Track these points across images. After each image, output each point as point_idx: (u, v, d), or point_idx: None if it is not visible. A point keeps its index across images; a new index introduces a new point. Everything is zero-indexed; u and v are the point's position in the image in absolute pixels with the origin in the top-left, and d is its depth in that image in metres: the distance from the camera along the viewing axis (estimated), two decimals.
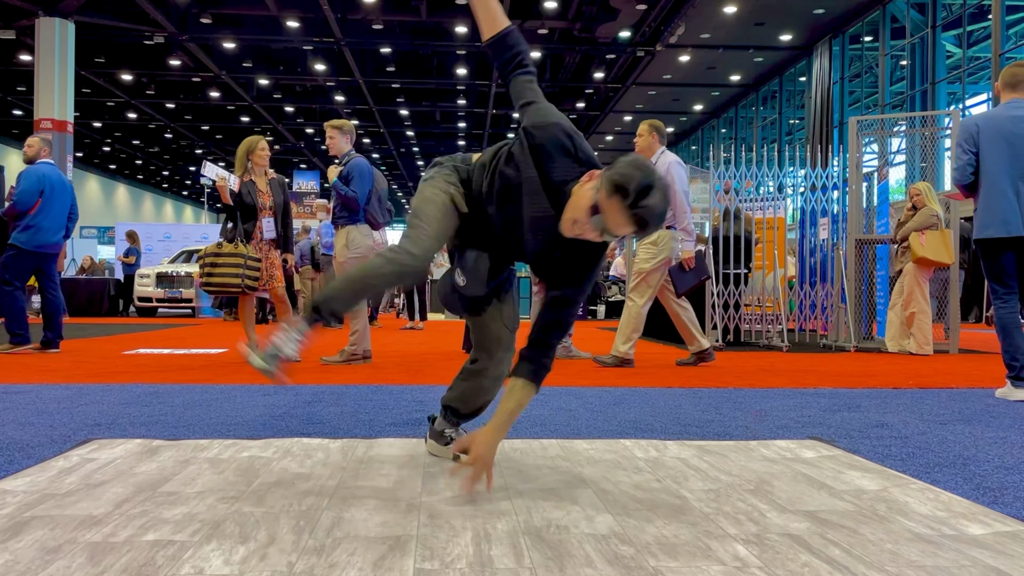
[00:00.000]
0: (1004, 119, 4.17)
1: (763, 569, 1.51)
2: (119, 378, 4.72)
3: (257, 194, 5.75)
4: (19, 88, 27.09)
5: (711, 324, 8.10)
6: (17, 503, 1.93)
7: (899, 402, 3.95)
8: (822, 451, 2.66)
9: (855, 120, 8.14)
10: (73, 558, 1.54)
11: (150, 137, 35.22)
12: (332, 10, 20.05)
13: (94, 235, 30.41)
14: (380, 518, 1.83)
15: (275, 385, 4.42)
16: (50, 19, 19.50)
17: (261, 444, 2.69)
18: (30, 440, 2.75)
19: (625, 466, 2.40)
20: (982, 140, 4.20)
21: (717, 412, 3.56)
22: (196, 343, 7.86)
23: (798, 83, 25.12)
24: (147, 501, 1.95)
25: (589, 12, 20.99)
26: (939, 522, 1.83)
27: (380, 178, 5.98)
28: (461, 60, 24.72)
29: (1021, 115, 4.16)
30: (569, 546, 1.64)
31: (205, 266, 5.57)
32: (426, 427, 3.08)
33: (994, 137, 4.16)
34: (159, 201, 50.85)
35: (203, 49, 23.26)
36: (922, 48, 19.44)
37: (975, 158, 4.21)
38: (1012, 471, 2.39)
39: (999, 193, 4.14)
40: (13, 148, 33.92)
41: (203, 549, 1.60)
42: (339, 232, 5.76)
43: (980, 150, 4.21)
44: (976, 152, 4.21)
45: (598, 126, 32.37)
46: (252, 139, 5.89)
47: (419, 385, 4.47)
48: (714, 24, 20.87)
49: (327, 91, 27.96)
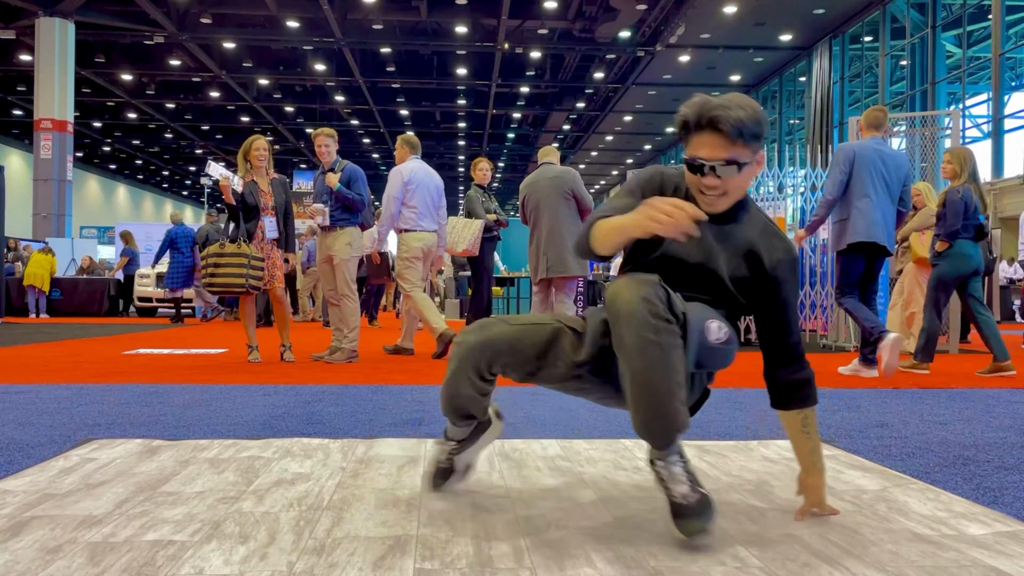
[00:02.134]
0: (871, 150, 5.12)
1: (763, 569, 1.51)
2: (119, 378, 4.72)
3: (259, 194, 5.76)
4: (19, 88, 27.09)
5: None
6: (17, 503, 1.93)
7: (899, 402, 3.95)
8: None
9: (855, 120, 8.14)
10: (73, 558, 1.54)
11: (150, 137, 35.23)
12: (332, 10, 20.05)
13: (94, 235, 30.41)
14: (380, 518, 1.83)
15: (275, 385, 4.42)
16: (50, 19, 19.51)
17: (261, 444, 2.69)
18: (30, 440, 2.75)
19: (625, 466, 2.40)
20: (856, 164, 5.09)
21: (717, 412, 3.56)
22: (196, 343, 7.85)
23: (798, 83, 25.12)
24: (147, 501, 1.95)
25: (589, 12, 20.99)
26: (939, 522, 1.83)
27: None
28: (461, 60, 24.72)
29: (884, 149, 5.19)
30: (569, 546, 1.64)
31: (208, 266, 5.59)
32: (428, 428, 3.08)
33: (865, 163, 5.09)
34: (159, 201, 50.86)
35: (203, 49, 23.26)
36: (922, 48, 19.44)
37: (848, 178, 5.13)
38: (1012, 471, 2.39)
39: (865, 208, 5.05)
40: (13, 148, 33.93)
41: (203, 549, 1.60)
42: (339, 233, 5.83)
43: (853, 172, 5.11)
44: (850, 172, 5.12)
45: (598, 126, 32.37)
46: (249, 139, 5.94)
47: (419, 385, 4.47)
48: (714, 24, 20.87)
49: (327, 91, 27.97)
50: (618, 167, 40.91)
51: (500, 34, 21.66)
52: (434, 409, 3.57)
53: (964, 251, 5.34)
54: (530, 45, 22.79)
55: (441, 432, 2.58)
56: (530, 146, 36.42)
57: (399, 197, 6.08)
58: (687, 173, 1.80)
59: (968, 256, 5.35)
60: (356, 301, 5.93)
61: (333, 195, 5.79)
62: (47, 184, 19.59)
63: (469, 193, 7.10)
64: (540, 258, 6.02)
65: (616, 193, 1.94)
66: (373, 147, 37.36)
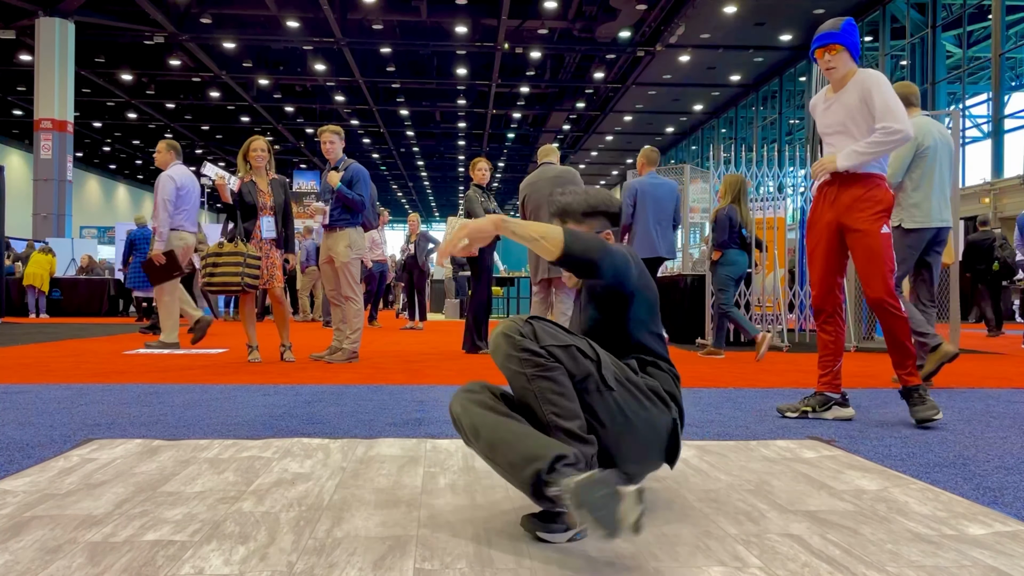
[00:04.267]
0: (648, 185, 6.71)
1: (763, 569, 1.51)
2: (119, 378, 4.72)
3: (258, 194, 5.76)
4: (19, 88, 27.09)
5: (711, 324, 8.10)
6: (17, 503, 1.93)
7: (899, 402, 3.95)
8: (822, 451, 2.66)
9: None
10: (73, 558, 1.54)
11: (150, 137, 35.22)
12: (332, 10, 20.05)
13: (94, 235, 30.41)
14: (380, 518, 1.83)
15: (275, 385, 4.42)
16: (50, 19, 19.51)
17: (261, 444, 2.69)
18: (30, 440, 2.75)
19: None
20: (639, 197, 6.66)
21: (717, 412, 3.56)
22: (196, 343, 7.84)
23: (798, 83, 25.12)
24: (147, 501, 1.95)
25: (589, 12, 21.00)
26: (939, 522, 1.83)
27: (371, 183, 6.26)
28: (461, 60, 24.72)
29: (658, 182, 6.75)
30: (569, 546, 1.64)
31: (207, 267, 5.59)
32: (428, 428, 3.08)
33: (645, 195, 6.67)
34: None
35: (203, 49, 23.26)
36: (922, 48, 19.44)
37: (633, 209, 6.68)
38: (1012, 471, 2.39)
39: (647, 231, 6.65)
40: (13, 148, 33.93)
41: (203, 549, 1.60)
42: (339, 234, 5.82)
43: (637, 203, 6.66)
44: (635, 204, 6.67)
45: (598, 126, 32.37)
46: (248, 140, 5.95)
47: (419, 385, 4.47)
48: (714, 24, 20.88)
49: (327, 91, 27.97)
50: (618, 167, 40.91)
51: (500, 34, 21.67)
52: (434, 409, 3.57)
53: (732, 259, 6.62)
54: (530, 45, 22.80)
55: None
56: (530, 146, 36.43)
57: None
58: None
59: (735, 263, 6.61)
60: (360, 303, 5.93)
61: (334, 194, 5.79)
62: (47, 184, 19.60)
63: (468, 193, 7.10)
64: (540, 258, 6.02)
65: None
66: (373, 147, 37.37)
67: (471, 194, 7.07)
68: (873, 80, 3.26)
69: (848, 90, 3.33)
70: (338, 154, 5.93)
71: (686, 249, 9.39)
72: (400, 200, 55.07)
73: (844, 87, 3.36)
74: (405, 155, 39.35)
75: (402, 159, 40.16)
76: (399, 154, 38.83)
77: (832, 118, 3.41)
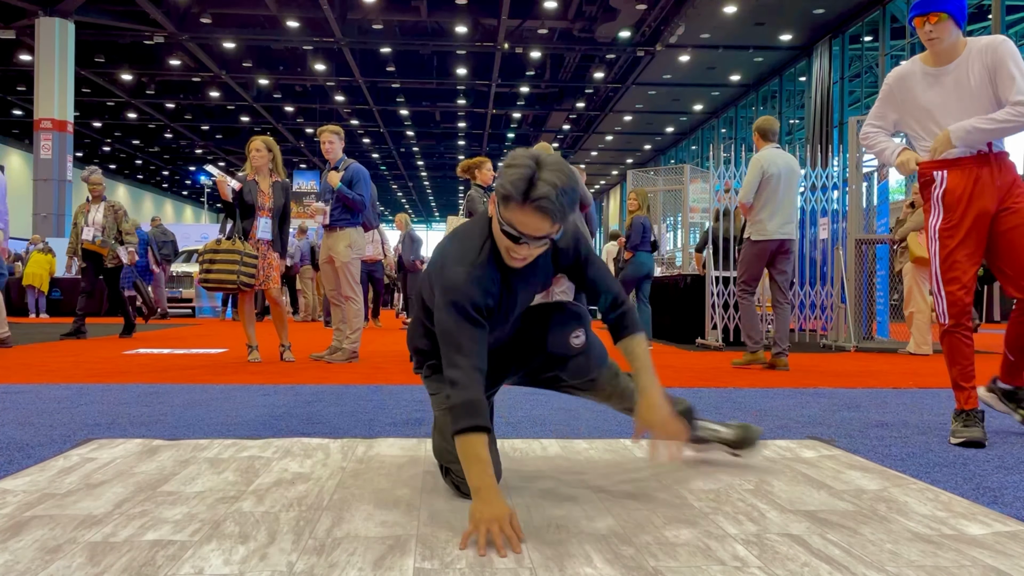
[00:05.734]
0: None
1: (763, 569, 1.51)
2: (119, 378, 4.72)
3: (257, 194, 5.76)
4: (19, 88, 27.08)
5: (711, 324, 8.10)
6: (17, 503, 1.93)
7: (899, 402, 3.95)
8: (822, 451, 2.66)
9: (855, 120, 8.14)
10: (73, 558, 1.54)
11: (150, 137, 35.23)
12: (332, 10, 20.05)
13: None
14: (380, 518, 1.83)
15: (275, 385, 4.42)
16: (50, 19, 19.52)
17: (261, 444, 2.69)
18: (30, 440, 2.75)
19: (625, 466, 2.40)
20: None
21: (717, 412, 3.56)
22: (196, 343, 7.86)
23: (798, 83, 25.11)
24: (147, 501, 1.95)
25: (589, 12, 20.99)
26: (939, 522, 1.83)
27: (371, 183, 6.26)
28: (461, 60, 24.72)
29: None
30: (569, 546, 1.64)
31: (204, 263, 5.59)
32: (428, 428, 3.08)
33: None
34: (159, 201, 50.83)
35: (203, 49, 23.26)
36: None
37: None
38: (1012, 471, 2.39)
39: None
40: (13, 148, 33.92)
41: (203, 549, 1.60)
42: (339, 234, 5.82)
43: None
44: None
45: (598, 126, 32.37)
46: (250, 140, 5.96)
47: (419, 385, 4.47)
48: (714, 24, 20.87)
49: (327, 91, 27.96)
50: (618, 167, 40.90)
51: (500, 34, 21.66)
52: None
53: (642, 260, 7.52)
54: (530, 45, 22.79)
55: None
56: (530, 146, 36.33)
57: None
58: (498, 232, 1.85)
59: (643, 264, 7.52)
60: (360, 303, 5.94)
61: (334, 194, 5.80)
62: (47, 184, 19.60)
63: (471, 193, 7.10)
64: None
65: None
66: (373, 147, 37.36)
67: (473, 194, 7.07)
68: (1006, 49, 2.80)
69: (964, 62, 2.88)
70: (338, 154, 5.93)
71: (686, 249, 9.39)
72: (400, 200, 55.06)
73: (955, 59, 2.91)
74: (405, 155, 39.35)
75: (402, 159, 40.15)
76: (399, 154, 38.82)
77: (939, 95, 2.94)
